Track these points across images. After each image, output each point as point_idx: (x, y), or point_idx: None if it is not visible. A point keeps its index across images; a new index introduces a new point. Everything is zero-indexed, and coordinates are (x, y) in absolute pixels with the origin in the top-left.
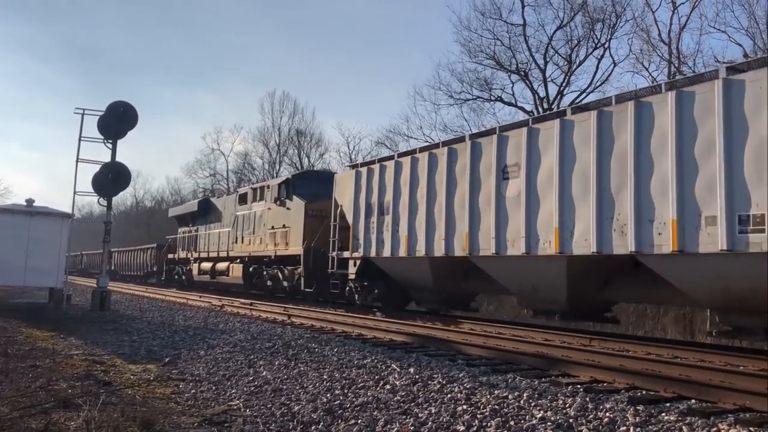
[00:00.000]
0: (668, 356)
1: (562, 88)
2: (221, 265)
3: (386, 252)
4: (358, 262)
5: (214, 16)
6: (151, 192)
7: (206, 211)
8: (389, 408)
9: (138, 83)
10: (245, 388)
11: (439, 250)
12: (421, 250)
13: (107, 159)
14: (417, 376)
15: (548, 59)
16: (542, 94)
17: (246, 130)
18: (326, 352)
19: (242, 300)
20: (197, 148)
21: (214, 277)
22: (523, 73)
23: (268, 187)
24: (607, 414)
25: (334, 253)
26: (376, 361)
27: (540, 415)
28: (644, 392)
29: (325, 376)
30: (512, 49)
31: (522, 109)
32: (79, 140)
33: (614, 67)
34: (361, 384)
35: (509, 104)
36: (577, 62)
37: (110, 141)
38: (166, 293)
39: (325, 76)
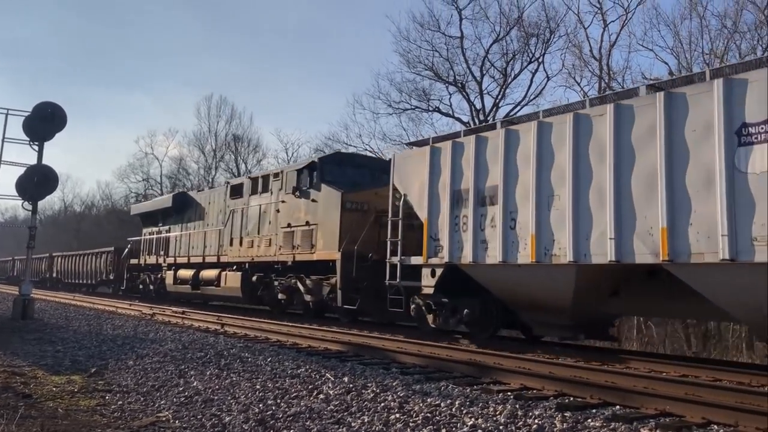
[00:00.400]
0: (596, 363)
1: (497, 101)
2: (208, 273)
3: (491, 257)
4: (438, 271)
5: (149, 16)
6: (81, 196)
7: (183, 207)
8: (322, 418)
9: (67, 83)
10: (175, 399)
11: (601, 254)
12: (562, 254)
13: (33, 161)
14: (351, 385)
15: (485, 72)
16: (478, 106)
17: (181, 134)
18: (260, 361)
19: (174, 309)
20: (130, 152)
21: (198, 287)
22: (460, 85)
23: (276, 175)
24: (536, 420)
25: (397, 259)
26: (310, 370)
27: (471, 422)
28: (572, 399)
29: (257, 386)
30: (450, 61)
31: (459, 120)
32: (2, 141)
33: (548, 81)
34: (295, 394)
35: (447, 115)
36: (513, 75)
37: (36, 143)
38: (95, 301)
39: (265, 82)
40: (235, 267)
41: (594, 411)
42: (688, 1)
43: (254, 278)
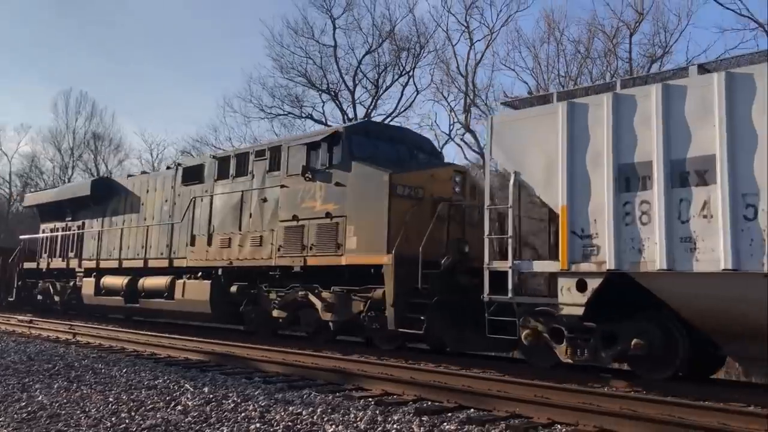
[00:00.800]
0: (456, 368)
1: (369, 111)
2: (154, 282)
3: (706, 262)
4: (592, 282)
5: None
6: None
7: (106, 197)
8: (179, 430)
9: None
10: (15, 416)
11: None
12: None
13: None
14: (211, 396)
15: (357, 82)
16: (351, 115)
17: (35, 130)
18: (114, 372)
19: (19, 317)
20: None
21: (135, 299)
22: (333, 93)
23: (261, 153)
24: (395, 426)
25: (507, 265)
26: (168, 381)
27: (332, 429)
28: (430, 403)
29: (110, 399)
30: (323, 69)
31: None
32: None
33: (417, 94)
34: (151, 406)
35: (319, 122)
36: (384, 87)
37: None
38: None
39: (130, 80)
40: (200, 274)
41: (450, 414)
42: (547, 26)
43: (233, 289)
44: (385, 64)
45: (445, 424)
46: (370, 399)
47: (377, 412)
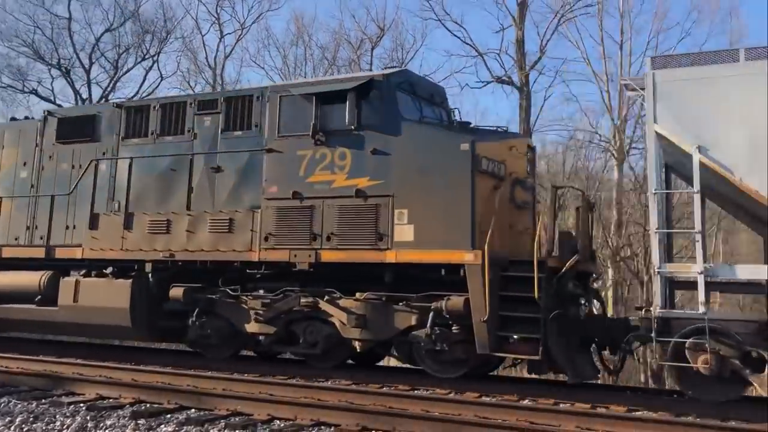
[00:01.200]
0: (182, 368)
1: (106, 93)
2: (14, 280)
3: None
4: None
5: None
6: None
7: None
8: None
9: None
10: None
11: None
12: None
13: None
14: None
15: (94, 60)
16: (85, 95)
17: None
18: None
19: None
20: None
21: None
22: (65, 70)
23: (209, 103)
24: (108, 431)
25: (695, 270)
26: None
27: None
28: (149, 405)
29: None
30: (54, 42)
31: (61, 107)
32: None
33: (162, 80)
34: None
35: (47, 100)
36: (125, 69)
37: None
38: None
39: None
40: (111, 269)
41: (169, 416)
42: (297, 29)
43: (176, 293)
44: (127, 45)
45: (162, 426)
46: (81, 404)
47: (88, 418)
